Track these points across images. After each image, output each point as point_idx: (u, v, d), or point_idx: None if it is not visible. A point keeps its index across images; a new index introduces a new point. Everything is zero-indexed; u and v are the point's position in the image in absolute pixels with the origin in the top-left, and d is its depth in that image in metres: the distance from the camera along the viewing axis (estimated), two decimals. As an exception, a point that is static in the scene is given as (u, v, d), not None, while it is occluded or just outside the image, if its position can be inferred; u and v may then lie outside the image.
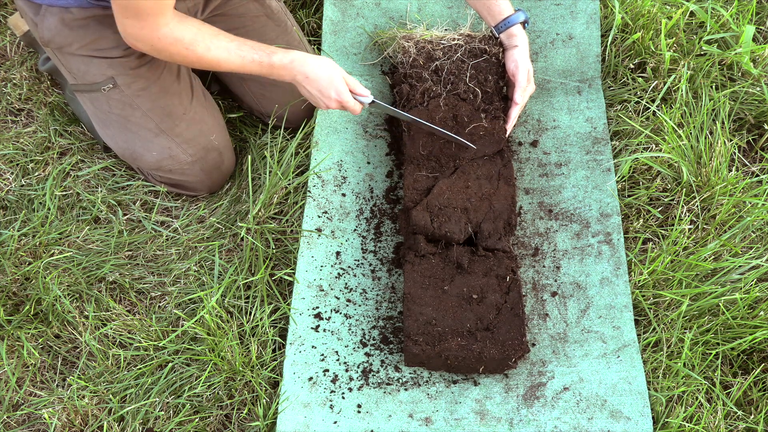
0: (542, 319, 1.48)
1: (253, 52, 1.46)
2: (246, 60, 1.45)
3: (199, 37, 1.41)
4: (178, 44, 1.39)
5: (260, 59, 1.46)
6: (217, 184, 1.72)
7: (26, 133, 1.83)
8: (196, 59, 1.43)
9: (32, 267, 1.57)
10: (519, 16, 1.62)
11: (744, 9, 1.88)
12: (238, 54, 1.45)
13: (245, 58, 1.45)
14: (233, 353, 1.41)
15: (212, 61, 1.44)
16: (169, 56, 1.43)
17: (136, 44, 1.41)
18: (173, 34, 1.38)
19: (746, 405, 1.39)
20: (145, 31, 1.36)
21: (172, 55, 1.42)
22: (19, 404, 1.45)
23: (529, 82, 1.62)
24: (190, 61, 1.44)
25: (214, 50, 1.43)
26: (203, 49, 1.42)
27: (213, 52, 1.43)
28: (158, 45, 1.39)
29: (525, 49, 1.62)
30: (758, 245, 1.54)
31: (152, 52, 1.43)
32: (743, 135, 1.74)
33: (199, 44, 1.41)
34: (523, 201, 1.64)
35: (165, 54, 1.42)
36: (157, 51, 1.41)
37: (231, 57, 1.44)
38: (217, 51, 1.43)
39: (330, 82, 1.48)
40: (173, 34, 1.38)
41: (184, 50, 1.40)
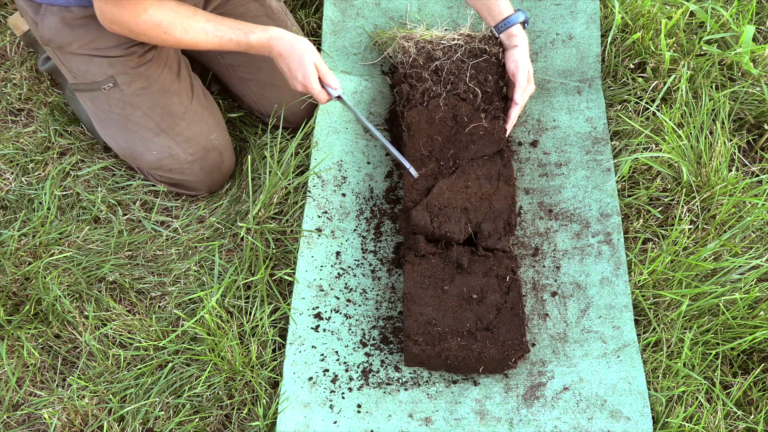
0: (542, 319, 1.48)
1: (231, 32, 1.47)
2: (224, 39, 1.47)
3: (177, 20, 1.42)
4: (156, 29, 1.41)
5: (238, 38, 1.48)
6: (217, 184, 1.72)
7: (26, 133, 1.83)
8: (174, 41, 1.45)
9: (32, 267, 1.57)
10: (519, 16, 1.62)
11: (744, 9, 1.88)
12: (216, 34, 1.46)
13: (223, 38, 1.47)
14: (233, 353, 1.41)
15: (190, 43, 1.46)
16: (147, 39, 1.45)
17: (113, 27, 1.41)
18: (152, 19, 1.39)
19: (746, 405, 1.39)
20: (124, 16, 1.37)
21: (151, 38, 1.44)
22: (19, 404, 1.45)
23: (529, 82, 1.62)
24: (169, 44, 1.46)
25: (192, 32, 1.44)
26: (181, 31, 1.43)
27: (191, 34, 1.44)
28: (136, 29, 1.40)
29: (525, 49, 1.62)
30: (758, 245, 1.53)
31: (130, 35, 1.44)
32: (743, 135, 1.74)
33: (177, 27, 1.42)
34: (523, 201, 1.64)
35: (143, 37, 1.44)
36: (135, 35, 1.43)
37: (209, 38, 1.46)
38: (195, 33, 1.44)
39: (300, 63, 1.49)
40: (152, 19, 1.39)
41: (163, 34, 1.42)
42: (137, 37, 1.44)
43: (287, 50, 1.49)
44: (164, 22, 1.41)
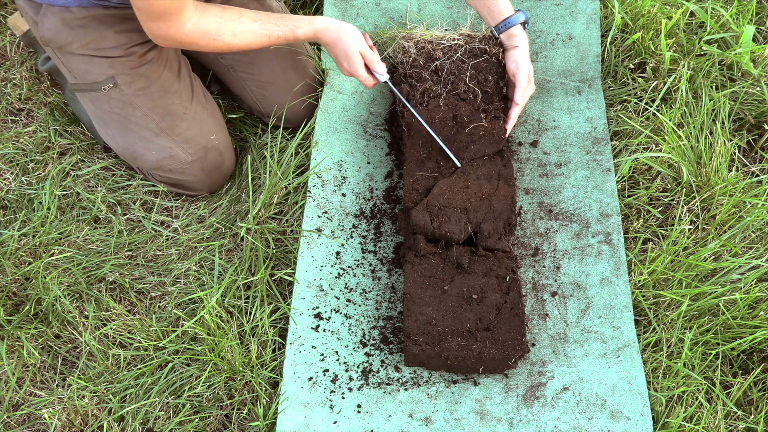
0: (542, 319, 1.48)
1: (278, 29, 1.50)
2: (272, 37, 1.50)
3: (223, 26, 1.44)
4: (205, 37, 1.43)
5: (286, 35, 1.51)
6: (217, 184, 1.72)
7: (26, 133, 1.83)
8: (225, 46, 1.47)
9: (32, 267, 1.57)
10: (519, 16, 1.62)
11: (744, 9, 1.88)
12: (264, 34, 1.49)
13: (271, 36, 1.50)
14: (233, 353, 1.41)
15: (241, 45, 1.48)
16: (198, 48, 1.47)
17: (166, 43, 1.44)
18: (198, 28, 1.41)
19: (746, 405, 1.39)
20: (171, 30, 1.39)
21: (202, 47, 1.46)
22: (19, 404, 1.45)
23: (530, 82, 1.62)
24: (221, 50, 1.49)
25: (240, 35, 1.47)
26: (230, 36, 1.45)
27: (240, 37, 1.47)
28: (186, 40, 1.42)
29: (525, 50, 1.62)
30: (758, 245, 1.53)
31: (182, 47, 1.47)
32: (743, 135, 1.74)
33: (225, 32, 1.45)
34: (523, 201, 1.64)
35: (195, 47, 1.46)
36: (187, 45, 1.45)
37: (257, 38, 1.49)
38: (243, 35, 1.47)
39: (345, 53, 1.53)
40: (198, 29, 1.41)
41: (213, 41, 1.45)
42: (189, 47, 1.46)
43: (333, 40, 1.53)
44: (212, 29, 1.43)
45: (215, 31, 1.43)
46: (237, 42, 1.47)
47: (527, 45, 1.63)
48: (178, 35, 1.41)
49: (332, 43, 1.53)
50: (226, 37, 1.45)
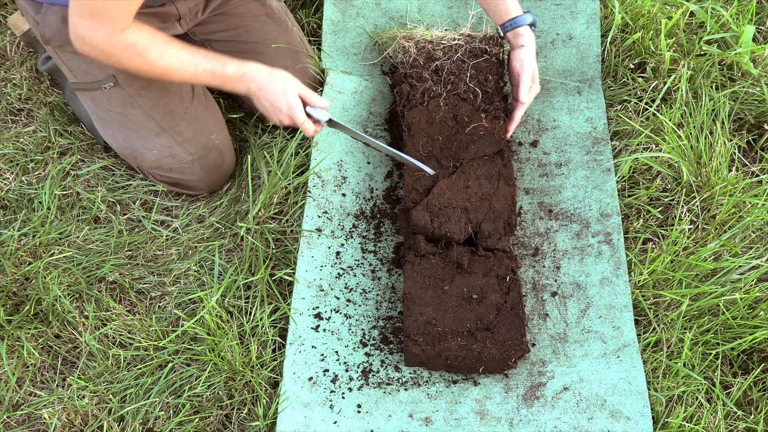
0: (542, 319, 1.48)
1: (206, 62, 1.43)
2: (199, 69, 1.42)
3: (152, 44, 1.37)
4: (130, 50, 1.35)
5: (213, 69, 1.43)
6: (218, 184, 1.72)
7: (26, 132, 1.83)
8: (147, 66, 1.39)
9: (32, 267, 1.57)
10: (527, 17, 1.60)
11: (744, 9, 1.88)
12: (191, 62, 1.41)
13: (198, 67, 1.42)
14: (233, 353, 1.41)
15: (164, 69, 1.40)
16: (118, 62, 1.38)
17: (84, 48, 1.36)
18: (127, 39, 1.34)
19: (746, 405, 1.39)
20: (99, 33, 1.32)
21: (122, 61, 1.37)
22: (19, 404, 1.45)
23: (534, 82, 1.61)
24: (141, 69, 1.40)
25: (166, 58, 1.39)
26: (155, 56, 1.37)
27: (165, 59, 1.39)
28: (109, 50, 1.34)
29: (531, 50, 1.61)
30: (758, 245, 1.54)
31: (101, 57, 1.37)
32: (743, 135, 1.74)
33: (152, 50, 1.37)
34: (523, 201, 1.64)
35: (114, 59, 1.37)
36: (107, 56, 1.36)
37: (183, 65, 1.40)
38: (169, 59, 1.39)
39: (283, 94, 1.44)
40: (127, 39, 1.34)
41: (136, 56, 1.36)
42: (108, 59, 1.37)
43: (266, 83, 1.45)
44: (139, 44, 1.35)
45: (142, 46, 1.36)
46: (161, 64, 1.38)
47: (534, 46, 1.62)
48: (104, 42, 1.33)
49: (266, 85, 1.44)
50: (151, 56, 1.37)
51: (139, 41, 1.35)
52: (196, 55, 1.42)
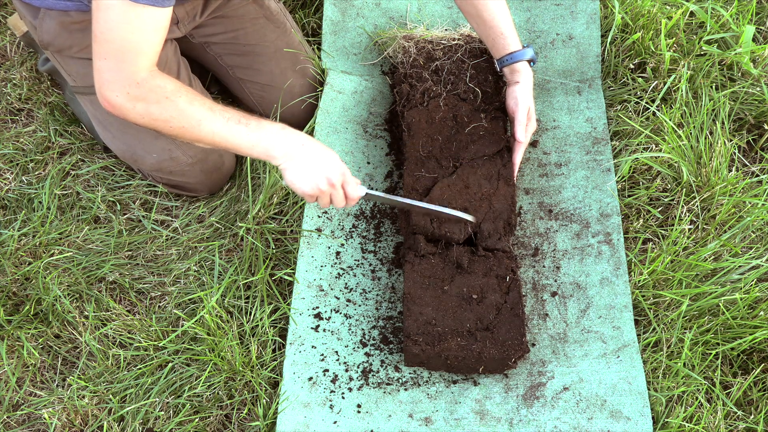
0: (542, 319, 1.48)
1: (239, 115, 1.33)
2: (232, 121, 1.31)
3: (182, 90, 1.29)
4: (158, 91, 1.27)
5: (247, 121, 1.32)
6: (218, 185, 1.72)
7: (26, 132, 1.83)
8: (176, 112, 1.28)
9: (32, 267, 1.57)
10: (526, 53, 1.57)
11: (744, 9, 1.88)
12: (223, 114, 1.31)
13: (231, 119, 1.31)
14: (233, 353, 1.41)
15: (193, 117, 1.29)
16: (145, 108, 1.28)
17: (109, 95, 1.27)
18: (154, 80, 1.27)
19: (746, 405, 1.39)
20: (123, 74, 1.25)
21: (149, 104, 1.27)
22: (19, 404, 1.45)
23: (530, 119, 1.58)
24: (168, 115, 1.29)
25: (196, 105, 1.30)
26: (184, 101, 1.29)
27: (195, 106, 1.29)
28: (135, 91, 1.26)
29: (527, 87, 1.57)
30: (758, 245, 1.53)
31: (125, 104, 1.28)
32: (743, 135, 1.74)
33: (181, 96, 1.28)
34: (523, 201, 1.64)
35: (141, 106, 1.27)
36: (133, 100, 1.27)
37: (215, 115, 1.30)
38: (200, 106, 1.30)
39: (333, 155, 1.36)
40: (154, 80, 1.27)
41: (164, 99, 1.27)
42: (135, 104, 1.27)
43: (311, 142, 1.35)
44: (168, 88, 1.28)
45: (171, 90, 1.28)
46: (190, 111, 1.28)
47: (530, 82, 1.58)
48: (129, 82, 1.25)
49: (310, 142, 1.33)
50: (180, 102, 1.28)
51: (168, 85, 1.28)
52: (228, 109, 1.34)
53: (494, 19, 1.56)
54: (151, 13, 1.23)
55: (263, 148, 1.33)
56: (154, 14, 1.23)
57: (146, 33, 1.25)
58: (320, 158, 1.34)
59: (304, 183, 1.34)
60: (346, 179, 1.37)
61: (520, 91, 1.57)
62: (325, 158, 1.35)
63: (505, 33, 1.57)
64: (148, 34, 1.25)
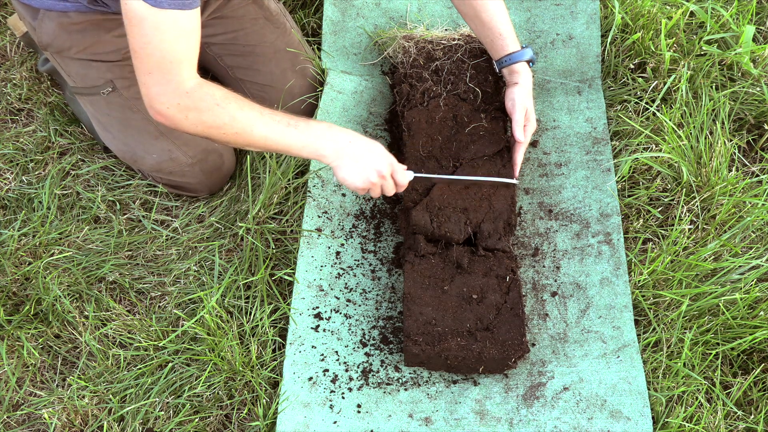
0: (542, 319, 1.48)
1: (288, 117, 1.34)
2: (281, 124, 1.33)
3: (230, 96, 1.30)
4: (208, 99, 1.27)
5: (296, 123, 1.34)
6: (218, 186, 1.72)
7: (26, 132, 1.83)
8: (228, 119, 1.29)
9: (32, 267, 1.57)
10: (524, 53, 1.57)
11: (744, 9, 1.88)
12: (272, 117, 1.32)
13: (280, 122, 1.33)
14: (233, 353, 1.41)
15: (245, 123, 1.30)
16: (197, 116, 1.28)
17: (160, 107, 1.26)
18: (202, 88, 1.27)
19: (746, 405, 1.39)
20: (171, 85, 1.25)
21: (201, 113, 1.27)
22: (19, 404, 1.45)
23: (529, 120, 1.57)
24: (221, 122, 1.29)
25: (246, 110, 1.30)
26: (235, 108, 1.29)
27: (246, 111, 1.30)
28: (185, 102, 1.26)
29: (525, 88, 1.57)
30: (758, 245, 1.53)
31: (177, 115, 1.27)
32: (743, 135, 1.74)
33: (231, 102, 1.29)
34: (523, 201, 1.64)
35: (193, 115, 1.27)
36: (185, 110, 1.27)
37: (264, 119, 1.31)
38: (250, 111, 1.31)
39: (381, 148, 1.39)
40: (202, 89, 1.27)
41: (215, 106, 1.27)
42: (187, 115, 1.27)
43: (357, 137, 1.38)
44: (217, 95, 1.28)
45: (221, 97, 1.28)
46: (241, 116, 1.29)
47: (529, 83, 1.57)
48: (178, 92, 1.25)
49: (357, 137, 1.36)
50: (231, 108, 1.28)
51: (216, 92, 1.29)
52: (276, 112, 1.34)
53: (492, 20, 1.56)
54: (180, 17, 1.22)
55: (314, 148, 1.35)
56: (184, 18, 1.22)
57: (182, 39, 1.24)
58: (368, 152, 1.37)
59: (357, 178, 1.37)
60: (395, 168, 1.41)
61: (518, 92, 1.56)
62: (373, 152, 1.38)
63: (503, 34, 1.56)
64: (184, 40, 1.25)
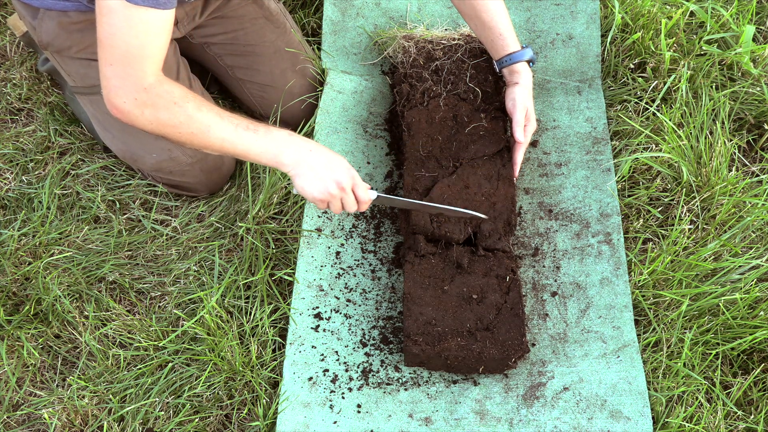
0: (542, 319, 1.48)
1: (248, 121, 1.32)
2: (240, 127, 1.30)
3: (189, 96, 1.29)
4: (167, 96, 1.26)
5: (256, 128, 1.32)
6: (217, 185, 1.72)
7: (26, 132, 1.83)
8: (184, 118, 1.27)
9: (32, 267, 1.57)
10: (525, 53, 1.57)
11: (744, 9, 1.88)
12: (231, 120, 1.30)
13: (239, 125, 1.30)
14: (233, 353, 1.41)
15: (202, 123, 1.28)
16: (153, 114, 1.27)
17: (117, 101, 1.26)
18: (162, 85, 1.26)
19: (746, 405, 1.39)
20: (130, 79, 1.24)
21: (158, 110, 1.27)
22: (19, 404, 1.45)
23: (529, 120, 1.57)
24: (177, 121, 1.28)
25: (205, 111, 1.29)
26: (193, 107, 1.28)
27: (204, 112, 1.28)
28: (143, 97, 1.25)
29: (525, 88, 1.56)
30: (758, 245, 1.53)
31: (133, 110, 1.27)
32: (743, 135, 1.74)
33: (189, 102, 1.28)
34: (523, 201, 1.64)
35: (149, 111, 1.26)
36: (141, 106, 1.26)
37: (223, 121, 1.29)
38: (209, 112, 1.29)
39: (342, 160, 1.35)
40: (162, 86, 1.26)
41: (173, 104, 1.26)
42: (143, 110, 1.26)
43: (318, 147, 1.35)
44: (175, 93, 1.27)
45: (179, 96, 1.27)
46: (199, 117, 1.27)
47: (529, 83, 1.57)
48: (137, 87, 1.24)
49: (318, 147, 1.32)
50: (189, 107, 1.27)
51: (175, 91, 1.28)
52: (236, 115, 1.33)
53: (493, 20, 1.56)
54: (153, 16, 1.22)
55: (273, 154, 1.32)
56: (157, 17, 1.22)
57: (150, 36, 1.23)
58: (329, 163, 1.34)
59: (315, 189, 1.34)
60: (356, 183, 1.37)
61: (519, 92, 1.56)
62: (334, 163, 1.34)
63: (503, 34, 1.56)
64: (152, 38, 1.24)
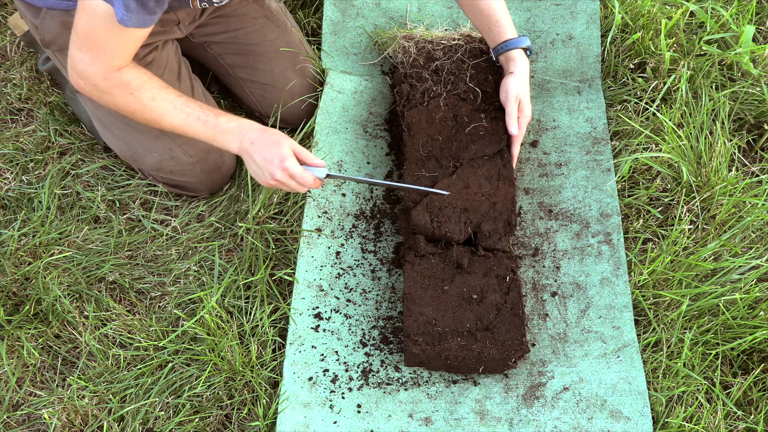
0: (542, 319, 1.48)
1: (200, 111, 1.39)
2: (191, 117, 1.38)
3: (147, 86, 1.36)
4: (123, 88, 1.34)
5: (206, 118, 1.39)
6: (218, 185, 1.72)
7: (26, 132, 1.83)
8: (139, 107, 1.37)
9: (32, 267, 1.57)
10: (521, 41, 1.56)
11: (744, 9, 1.88)
12: (184, 109, 1.38)
13: (190, 115, 1.38)
14: (233, 353, 1.41)
15: (155, 112, 1.37)
16: (110, 100, 1.37)
17: (78, 82, 1.36)
18: (122, 77, 1.34)
19: (746, 405, 1.39)
20: (94, 68, 1.32)
21: (114, 98, 1.36)
22: (19, 404, 1.45)
23: (522, 111, 1.56)
24: (132, 109, 1.38)
25: (159, 101, 1.36)
26: (148, 97, 1.36)
27: (157, 102, 1.36)
28: (102, 85, 1.34)
29: (520, 77, 1.55)
30: (758, 245, 1.54)
31: (93, 93, 1.37)
32: (743, 135, 1.74)
33: (145, 92, 1.35)
34: (523, 201, 1.64)
35: (107, 97, 1.36)
36: (100, 92, 1.35)
37: (176, 111, 1.37)
38: (162, 102, 1.37)
39: (276, 146, 1.36)
40: (122, 77, 1.34)
41: (128, 95, 1.35)
42: (101, 96, 1.36)
43: (259, 136, 1.37)
44: (133, 83, 1.35)
45: (136, 86, 1.34)
46: (152, 106, 1.36)
47: (525, 72, 1.56)
48: (98, 77, 1.32)
49: (258, 139, 1.36)
50: (144, 97, 1.35)
51: (134, 81, 1.35)
52: (190, 104, 1.39)
53: (490, 9, 1.58)
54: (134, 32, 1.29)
55: (220, 143, 1.41)
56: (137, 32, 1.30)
57: (126, 43, 1.31)
58: (267, 152, 1.37)
59: (259, 177, 1.41)
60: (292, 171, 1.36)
61: (512, 82, 1.55)
62: (271, 152, 1.36)
63: (500, 21, 1.57)
64: (128, 44, 1.32)
